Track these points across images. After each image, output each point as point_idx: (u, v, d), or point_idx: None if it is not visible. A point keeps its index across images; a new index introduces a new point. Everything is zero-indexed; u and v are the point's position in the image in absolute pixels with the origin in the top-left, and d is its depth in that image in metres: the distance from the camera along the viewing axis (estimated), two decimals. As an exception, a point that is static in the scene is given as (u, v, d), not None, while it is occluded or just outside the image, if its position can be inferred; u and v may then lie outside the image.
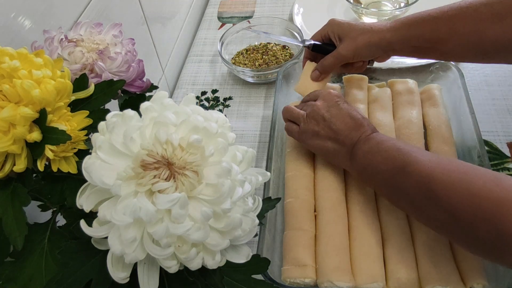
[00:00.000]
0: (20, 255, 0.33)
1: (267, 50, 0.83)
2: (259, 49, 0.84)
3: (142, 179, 0.26)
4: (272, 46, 0.85)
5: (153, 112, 0.29)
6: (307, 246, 0.52)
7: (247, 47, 0.86)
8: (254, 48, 0.85)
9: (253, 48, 0.85)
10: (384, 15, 0.82)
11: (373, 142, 0.50)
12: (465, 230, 0.38)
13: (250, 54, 0.83)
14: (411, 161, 0.44)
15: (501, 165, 0.63)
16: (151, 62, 0.78)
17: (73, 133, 0.32)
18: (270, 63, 0.80)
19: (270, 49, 0.84)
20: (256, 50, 0.84)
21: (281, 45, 0.85)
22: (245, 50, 0.85)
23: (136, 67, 0.42)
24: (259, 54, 0.83)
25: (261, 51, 0.83)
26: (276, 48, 0.84)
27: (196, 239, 0.25)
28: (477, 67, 0.77)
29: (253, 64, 0.80)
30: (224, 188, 0.26)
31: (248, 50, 0.84)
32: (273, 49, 0.84)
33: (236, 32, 0.85)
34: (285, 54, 0.83)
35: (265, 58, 0.82)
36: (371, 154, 0.49)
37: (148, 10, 0.74)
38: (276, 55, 0.82)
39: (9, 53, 0.30)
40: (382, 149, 0.48)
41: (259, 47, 0.85)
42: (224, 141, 0.28)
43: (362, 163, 0.50)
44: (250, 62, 0.81)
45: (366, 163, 0.49)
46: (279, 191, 0.59)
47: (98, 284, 0.28)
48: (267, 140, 0.69)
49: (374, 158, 0.48)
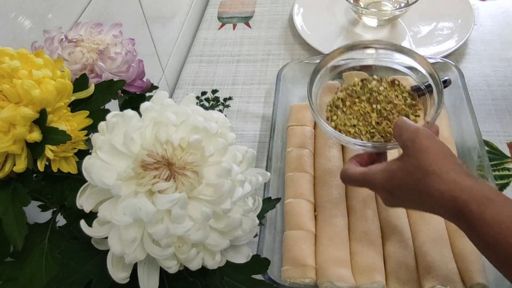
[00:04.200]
0: (20, 255, 0.33)
1: (371, 92, 0.56)
2: (358, 93, 0.57)
3: (142, 179, 0.26)
4: (374, 82, 0.57)
5: (153, 112, 0.29)
6: (307, 246, 0.52)
7: (341, 95, 0.57)
8: (350, 91, 0.57)
9: (349, 92, 0.57)
10: (384, 15, 0.82)
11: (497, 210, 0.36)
12: None
13: (352, 105, 0.56)
14: None
15: (501, 165, 0.63)
16: (151, 62, 0.78)
17: (73, 133, 0.32)
18: (390, 116, 0.53)
19: (376, 91, 0.56)
20: (356, 94, 0.56)
21: (386, 79, 0.58)
22: (339, 99, 0.57)
23: (136, 67, 0.42)
24: (363, 101, 0.55)
25: (364, 96, 0.56)
26: (381, 86, 0.57)
27: (196, 239, 0.25)
28: (477, 67, 0.77)
29: (367, 123, 0.54)
30: (224, 188, 0.26)
31: (344, 99, 0.57)
32: (378, 89, 0.56)
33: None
34: (402, 96, 0.56)
35: (378, 109, 0.54)
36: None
37: (148, 10, 0.73)
38: (391, 99, 0.55)
39: (9, 53, 0.30)
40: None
41: (357, 89, 0.57)
42: (224, 141, 0.28)
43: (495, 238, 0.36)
44: (360, 121, 0.54)
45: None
46: (279, 191, 0.59)
47: (98, 284, 0.28)
48: (267, 140, 0.69)
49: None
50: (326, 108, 0.58)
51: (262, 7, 0.98)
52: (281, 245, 0.54)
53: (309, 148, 0.62)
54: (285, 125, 0.67)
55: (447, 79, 0.67)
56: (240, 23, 0.95)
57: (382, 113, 0.54)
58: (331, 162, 0.60)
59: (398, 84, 0.57)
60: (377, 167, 0.46)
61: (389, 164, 0.45)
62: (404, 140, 0.43)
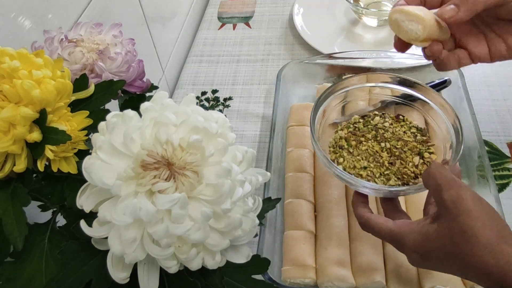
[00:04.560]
0: (20, 255, 0.33)
1: (377, 129, 0.52)
2: (362, 130, 0.53)
3: (142, 179, 0.26)
4: (377, 118, 0.54)
5: (153, 112, 0.29)
6: (307, 246, 0.52)
7: (343, 133, 0.53)
8: (353, 129, 0.53)
9: (352, 130, 0.53)
10: (384, 15, 0.82)
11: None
12: None
13: (358, 145, 0.51)
14: None
15: (501, 165, 0.63)
16: (151, 62, 0.78)
17: (73, 133, 0.32)
18: (402, 155, 0.49)
19: (382, 127, 0.52)
20: (359, 132, 0.52)
21: (389, 115, 0.54)
22: (341, 138, 0.53)
23: (136, 67, 0.42)
24: (370, 140, 0.51)
25: (370, 134, 0.52)
26: (385, 121, 0.53)
27: (196, 239, 0.25)
28: (477, 67, 0.77)
29: (379, 164, 0.49)
30: (224, 188, 0.26)
31: (348, 139, 0.52)
32: (383, 125, 0.53)
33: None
34: (411, 132, 0.52)
35: (388, 148, 0.50)
36: None
37: (148, 10, 0.74)
38: (400, 136, 0.51)
39: (9, 53, 0.30)
40: None
41: (359, 126, 0.53)
42: (224, 141, 0.28)
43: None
44: (371, 163, 0.49)
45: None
46: (279, 191, 0.59)
47: (98, 284, 0.28)
48: (267, 140, 0.69)
49: None
50: (328, 150, 0.53)
51: (262, 7, 0.98)
52: (281, 245, 0.54)
53: (309, 148, 0.62)
54: (285, 125, 0.67)
55: (447, 79, 0.67)
56: (240, 23, 0.95)
57: (393, 152, 0.50)
58: (331, 162, 0.60)
59: (403, 119, 0.54)
60: (407, 226, 0.40)
61: (423, 225, 0.38)
62: (444, 199, 0.36)
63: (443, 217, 0.37)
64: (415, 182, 0.48)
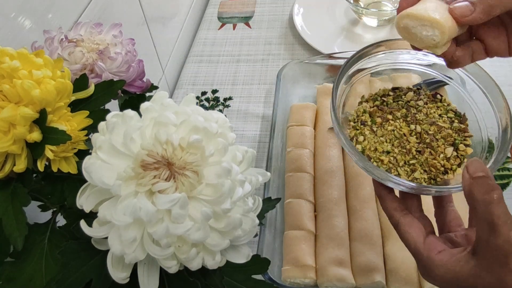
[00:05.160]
0: (20, 255, 0.33)
1: (408, 107, 0.43)
2: (391, 106, 0.44)
3: (142, 179, 0.26)
4: (411, 94, 0.44)
5: (153, 112, 0.29)
6: (307, 246, 0.52)
7: (367, 106, 0.44)
8: (380, 103, 0.44)
9: (379, 104, 0.44)
10: (384, 15, 0.82)
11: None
12: None
13: (383, 123, 0.42)
14: None
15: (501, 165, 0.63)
16: (151, 62, 0.78)
17: (73, 133, 0.32)
18: (433, 143, 0.41)
19: (414, 106, 0.43)
20: (387, 107, 0.43)
21: (425, 91, 0.45)
22: (365, 112, 0.44)
23: (136, 67, 0.42)
24: (398, 119, 0.42)
25: (399, 112, 0.43)
26: (420, 99, 0.44)
27: (196, 239, 0.25)
28: (477, 67, 0.77)
29: (404, 151, 0.40)
30: (224, 188, 0.26)
31: (372, 114, 0.43)
32: (417, 103, 0.43)
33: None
34: (447, 117, 0.43)
35: (418, 132, 0.41)
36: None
37: (148, 10, 0.74)
38: (434, 120, 0.42)
39: (9, 53, 0.30)
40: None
41: (388, 101, 0.44)
42: (224, 141, 0.28)
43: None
44: (396, 147, 0.41)
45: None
46: (279, 191, 0.59)
47: (98, 284, 0.28)
48: (267, 140, 0.69)
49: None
50: (348, 123, 0.44)
51: (262, 7, 0.98)
52: (281, 245, 0.54)
53: (309, 148, 0.62)
54: (285, 125, 0.67)
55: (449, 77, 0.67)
56: (240, 23, 0.95)
57: (423, 137, 0.41)
58: (331, 162, 0.60)
59: (441, 99, 0.44)
60: (439, 256, 0.34)
61: (457, 259, 0.33)
62: (497, 242, 0.29)
63: (485, 259, 0.31)
64: (443, 178, 0.40)
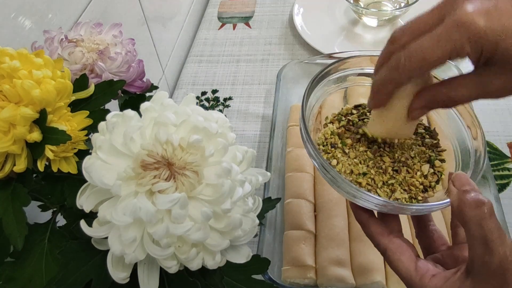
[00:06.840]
0: (20, 255, 0.33)
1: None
2: (357, 125, 0.42)
3: (142, 179, 0.26)
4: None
5: (153, 112, 0.29)
6: (307, 246, 0.52)
7: (333, 128, 0.42)
8: (346, 123, 0.42)
9: (345, 124, 0.42)
10: (384, 15, 0.82)
11: None
12: None
13: (354, 144, 0.40)
14: None
15: (501, 165, 0.63)
16: (151, 62, 0.78)
17: (73, 133, 0.32)
18: (409, 161, 0.39)
19: None
20: (354, 127, 0.41)
21: None
22: (333, 135, 0.41)
23: (136, 67, 0.42)
24: (369, 138, 0.40)
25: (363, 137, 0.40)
26: None
27: (196, 239, 0.25)
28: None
29: (381, 171, 0.38)
30: (224, 188, 0.26)
31: (341, 135, 0.41)
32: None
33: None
34: (418, 132, 0.42)
35: (392, 152, 0.39)
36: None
37: (148, 10, 0.74)
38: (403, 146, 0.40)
39: (9, 53, 0.30)
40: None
41: (354, 120, 0.42)
42: (224, 141, 0.28)
43: None
44: (372, 169, 0.38)
45: None
46: (279, 191, 0.59)
47: (98, 284, 0.28)
48: (267, 140, 0.69)
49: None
50: (317, 148, 0.40)
51: (262, 7, 0.98)
52: (281, 245, 0.54)
53: (309, 148, 0.62)
54: (285, 125, 0.67)
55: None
56: (240, 23, 0.95)
57: (397, 156, 0.39)
58: (331, 162, 0.60)
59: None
60: (433, 281, 0.32)
61: (452, 283, 0.31)
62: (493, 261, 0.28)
63: (481, 278, 0.29)
64: (424, 196, 0.38)
